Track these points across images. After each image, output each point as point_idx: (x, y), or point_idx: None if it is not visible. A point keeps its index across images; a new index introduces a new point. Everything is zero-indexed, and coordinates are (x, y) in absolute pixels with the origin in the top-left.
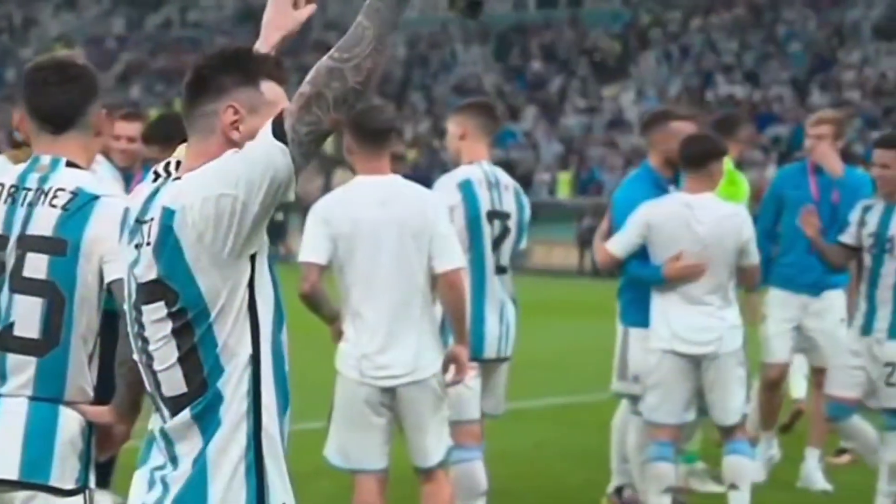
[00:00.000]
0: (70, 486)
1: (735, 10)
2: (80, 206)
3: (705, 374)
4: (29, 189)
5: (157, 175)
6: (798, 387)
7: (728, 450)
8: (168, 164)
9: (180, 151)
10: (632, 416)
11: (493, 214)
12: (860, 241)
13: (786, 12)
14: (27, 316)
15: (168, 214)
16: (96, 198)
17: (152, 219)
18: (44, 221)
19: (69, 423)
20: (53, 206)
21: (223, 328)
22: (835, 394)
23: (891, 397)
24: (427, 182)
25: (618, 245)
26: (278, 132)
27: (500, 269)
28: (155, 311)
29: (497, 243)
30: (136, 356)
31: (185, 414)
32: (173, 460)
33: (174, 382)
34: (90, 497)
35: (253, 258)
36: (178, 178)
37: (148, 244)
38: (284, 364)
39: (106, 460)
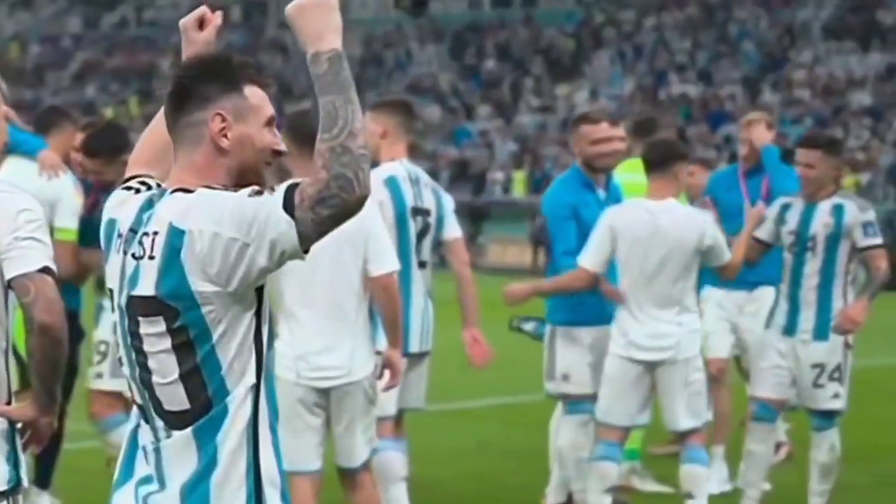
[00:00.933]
0: (3, 487)
1: (688, 9)
2: None
3: (659, 379)
4: None
5: (136, 189)
6: None
7: (684, 458)
8: (145, 180)
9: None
10: (565, 415)
11: (416, 211)
12: (776, 239)
13: (738, 12)
14: None
15: (177, 234)
16: None
17: (156, 233)
18: None
19: None
20: None
21: (227, 351)
22: (761, 395)
23: (819, 399)
24: None
25: (590, 260)
26: (289, 208)
27: (421, 264)
28: (153, 325)
29: (419, 239)
30: (126, 369)
31: (187, 432)
32: (160, 479)
33: (176, 398)
34: (24, 495)
35: (260, 290)
36: (181, 189)
37: (151, 258)
38: (273, 380)
39: (46, 463)
